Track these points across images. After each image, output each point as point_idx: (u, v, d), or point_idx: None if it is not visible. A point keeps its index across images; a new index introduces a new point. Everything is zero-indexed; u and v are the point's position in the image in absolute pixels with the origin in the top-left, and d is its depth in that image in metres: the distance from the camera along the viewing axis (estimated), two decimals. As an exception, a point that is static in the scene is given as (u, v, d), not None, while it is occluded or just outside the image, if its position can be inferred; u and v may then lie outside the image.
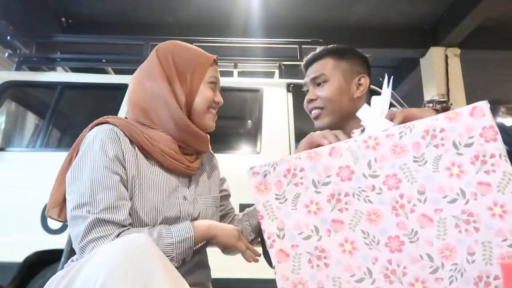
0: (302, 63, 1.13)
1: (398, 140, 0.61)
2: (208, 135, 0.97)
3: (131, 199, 0.81)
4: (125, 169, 0.81)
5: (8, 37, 2.75)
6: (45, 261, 1.95)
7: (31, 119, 3.88)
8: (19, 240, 1.96)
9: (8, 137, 4.01)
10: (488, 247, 0.55)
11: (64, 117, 2.83)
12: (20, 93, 2.74)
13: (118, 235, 0.73)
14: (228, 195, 1.11)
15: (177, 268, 0.77)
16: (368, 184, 0.61)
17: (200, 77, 0.91)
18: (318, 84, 1.05)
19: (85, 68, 2.83)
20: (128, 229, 0.76)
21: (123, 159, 0.81)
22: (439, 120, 0.59)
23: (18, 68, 2.57)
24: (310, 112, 1.07)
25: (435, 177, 0.58)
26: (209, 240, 0.86)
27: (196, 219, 0.90)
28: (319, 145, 0.73)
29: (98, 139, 0.81)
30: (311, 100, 1.05)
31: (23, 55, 2.71)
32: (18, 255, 1.92)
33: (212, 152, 1.08)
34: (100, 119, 0.88)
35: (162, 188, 0.85)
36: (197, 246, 0.88)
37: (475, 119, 0.57)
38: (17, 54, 2.75)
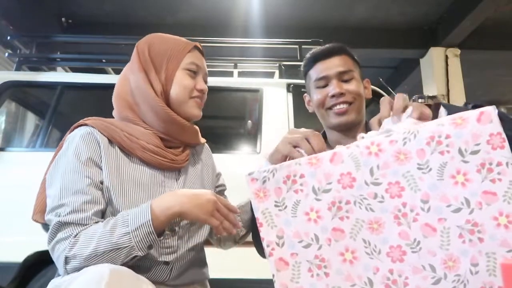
0: (312, 54, 1.07)
1: (402, 147, 0.59)
2: (196, 126, 0.95)
3: (110, 200, 0.80)
4: (101, 170, 0.81)
5: (8, 37, 2.74)
6: (45, 261, 1.94)
7: (31, 119, 3.87)
8: (19, 240, 1.96)
9: (8, 137, 4.00)
10: (492, 258, 0.54)
11: (64, 117, 2.82)
12: (20, 93, 2.73)
13: (76, 235, 0.72)
14: (225, 189, 1.10)
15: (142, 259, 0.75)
16: (370, 192, 0.60)
17: (176, 64, 0.89)
18: (345, 80, 1.00)
19: (85, 68, 2.82)
20: (89, 226, 0.75)
21: (100, 160, 0.81)
22: (444, 126, 0.57)
23: (18, 68, 2.56)
24: (333, 106, 1.00)
25: (440, 186, 0.57)
26: (178, 218, 0.79)
27: None
28: (291, 158, 0.71)
29: (73, 143, 0.81)
30: (340, 94, 0.99)
31: (23, 55, 2.70)
32: (18, 255, 1.92)
33: (207, 145, 1.06)
34: (80, 121, 0.88)
35: (145, 185, 0.84)
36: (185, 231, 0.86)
37: (482, 125, 0.55)
38: (17, 54, 2.73)
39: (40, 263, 1.94)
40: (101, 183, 0.80)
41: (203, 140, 1.01)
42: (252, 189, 0.66)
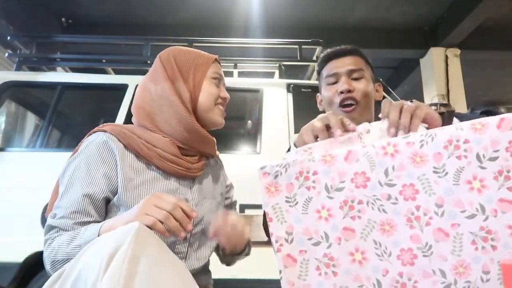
0: (325, 53, 1.08)
1: (419, 149, 0.58)
2: (214, 138, 0.96)
3: (126, 206, 0.81)
4: (112, 180, 0.82)
5: (8, 37, 2.74)
6: (45, 262, 1.95)
7: (31, 119, 3.88)
8: (19, 240, 1.95)
9: (8, 137, 4.01)
10: None
11: (64, 117, 2.82)
12: (20, 93, 2.73)
13: (53, 239, 0.77)
14: (231, 204, 1.10)
15: None
16: (384, 193, 0.59)
17: (203, 73, 0.92)
18: (355, 79, 1.02)
19: (85, 68, 2.83)
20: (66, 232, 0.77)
21: (114, 170, 0.82)
22: (464, 131, 0.56)
23: (18, 68, 2.56)
24: (341, 103, 1.01)
25: (455, 190, 0.56)
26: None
27: (199, 222, 0.90)
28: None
29: (87, 150, 0.84)
30: (349, 91, 1.00)
31: (23, 55, 2.69)
32: (18, 255, 1.91)
33: (219, 157, 1.08)
34: (99, 127, 0.89)
35: (159, 191, 0.85)
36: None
37: (502, 131, 0.54)
38: (17, 54, 2.73)
39: (40, 263, 1.94)
40: (105, 197, 0.81)
41: (217, 152, 1.03)
42: (263, 183, 0.65)
